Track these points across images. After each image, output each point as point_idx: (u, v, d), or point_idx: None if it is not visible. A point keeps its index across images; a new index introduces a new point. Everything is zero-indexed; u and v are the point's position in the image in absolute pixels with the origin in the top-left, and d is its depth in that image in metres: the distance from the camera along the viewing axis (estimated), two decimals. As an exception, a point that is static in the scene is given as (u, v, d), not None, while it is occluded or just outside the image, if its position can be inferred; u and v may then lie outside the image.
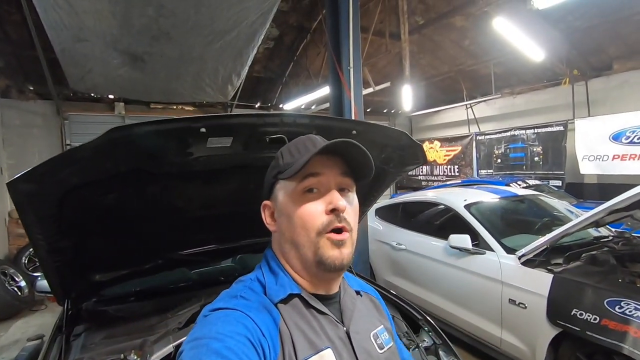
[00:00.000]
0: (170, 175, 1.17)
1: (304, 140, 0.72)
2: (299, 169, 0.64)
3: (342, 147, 0.65)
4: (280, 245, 0.70)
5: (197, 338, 0.55)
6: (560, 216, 3.29)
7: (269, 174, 0.73)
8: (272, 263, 0.71)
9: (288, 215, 0.67)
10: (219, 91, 5.08)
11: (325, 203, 0.65)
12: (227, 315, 0.58)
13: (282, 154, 0.71)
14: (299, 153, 0.68)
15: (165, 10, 3.25)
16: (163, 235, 1.59)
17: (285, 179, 0.67)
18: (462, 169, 9.10)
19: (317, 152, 0.64)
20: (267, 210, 0.73)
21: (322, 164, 0.66)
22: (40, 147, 6.40)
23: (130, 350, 1.41)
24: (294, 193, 0.66)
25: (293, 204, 0.66)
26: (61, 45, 3.75)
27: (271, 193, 0.72)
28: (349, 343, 0.66)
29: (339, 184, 0.67)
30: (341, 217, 0.64)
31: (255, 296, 0.65)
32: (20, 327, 3.90)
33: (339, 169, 0.67)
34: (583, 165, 6.41)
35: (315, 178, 0.66)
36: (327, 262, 0.63)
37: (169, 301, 1.82)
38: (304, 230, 0.64)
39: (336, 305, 0.72)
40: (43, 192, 0.98)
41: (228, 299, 0.64)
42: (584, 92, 6.75)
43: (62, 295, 1.53)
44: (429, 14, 6.56)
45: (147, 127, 0.87)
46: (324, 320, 0.66)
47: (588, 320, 1.96)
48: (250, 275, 0.71)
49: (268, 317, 0.61)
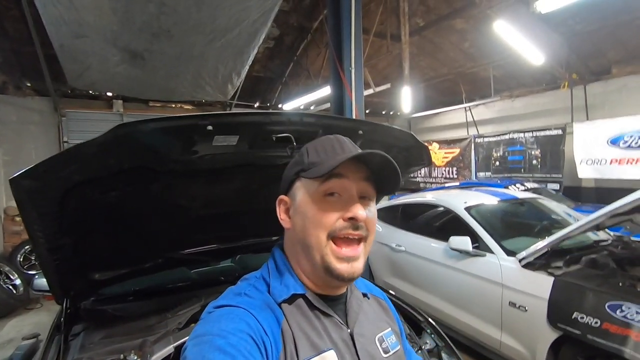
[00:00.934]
0: (174, 173, 1.16)
1: (332, 140, 0.70)
2: (326, 171, 0.62)
3: (375, 160, 0.64)
4: (292, 243, 0.69)
5: (201, 335, 0.55)
6: (559, 219, 3.30)
7: (290, 169, 0.71)
8: (279, 262, 0.70)
9: (304, 214, 0.65)
10: (219, 90, 5.06)
11: (344, 210, 0.63)
12: (230, 313, 0.58)
13: (307, 151, 0.69)
14: (325, 154, 0.67)
15: (166, 7, 3.23)
16: (164, 234, 1.57)
17: (309, 178, 0.65)
18: (460, 171, 9.12)
19: (349, 158, 0.62)
20: (283, 205, 0.71)
21: (347, 167, 0.64)
22: (37, 144, 6.34)
23: (130, 351, 1.39)
24: (315, 194, 0.65)
25: (311, 205, 0.65)
26: (60, 41, 3.71)
27: (289, 189, 0.70)
28: (352, 346, 0.65)
29: (361, 191, 0.66)
30: (359, 226, 0.63)
31: (259, 294, 0.64)
32: (15, 325, 3.86)
33: (362, 174, 0.66)
34: (581, 169, 6.44)
35: (339, 180, 0.64)
36: (335, 272, 0.62)
37: (168, 301, 1.80)
38: (316, 231, 0.63)
39: (342, 307, 0.70)
40: (45, 189, 0.96)
41: (232, 297, 0.63)
42: (583, 96, 6.79)
43: (61, 293, 1.51)
44: (429, 15, 6.57)
45: (153, 124, 0.85)
46: (328, 322, 0.66)
47: (589, 324, 1.96)
48: (256, 273, 0.71)
49: (271, 315, 0.61)
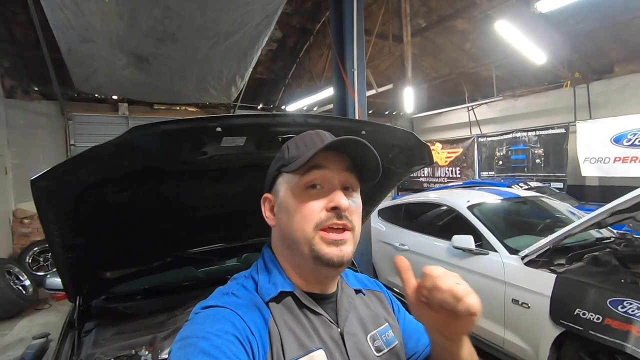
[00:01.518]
0: (183, 174, 1.20)
1: (312, 134, 0.69)
2: (304, 161, 0.61)
3: (351, 145, 0.63)
4: (279, 240, 0.69)
5: (186, 337, 0.54)
6: (562, 218, 3.31)
7: (272, 166, 0.71)
8: (267, 260, 0.70)
9: (287, 209, 0.65)
10: (223, 92, 5.13)
11: (327, 200, 0.63)
12: (216, 314, 0.58)
13: (287, 147, 0.68)
14: (305, 147, 0.66)
15: (171, 12, 3.29)
16: (172, 234, 1.61)
17: (289, 172, 0.65)
18: (463, 171, 9.12)
19: (325, 146, 0.61)
20: (267, 203, 0.70)
21: (327, 158, 0.64)
22: (44, 147, 6.43)
23: (141, 346, 1.43)
24: (297, 187, 0.64)
25: (294, 199, 0.64)
26: (67, 46, 3.79)
27: (273, 186, 0.70)
28: (342, 345, 0.64)
29: (343, 182, 0.65)
30: (342, 216, 0.62)
31: (246, 294, 0.64)
32: (25, 325, 3.93)
33: (344, 165, 0.65)
34: (584, 168, 6.44)
35: (320, 171, 0.63)
36: (325, 258, 0.61)
37: (176, 299, 1.84)
38: (301, 225, 0.62)
39: (332, 305, 0.69)
40: (62, 190, 1.00)
41: (219, 296, 0.63)
42: (586, 95, 6.79)
43: (74, 292, 1.55)
44: (431, 16, 6.60)
45: (166, 126, 0.89)
46: (317, 321, 0.65)
47: (591, 320, 1.98)
48: (245, 272, 0.71)
49: (258, 315, 0.60)
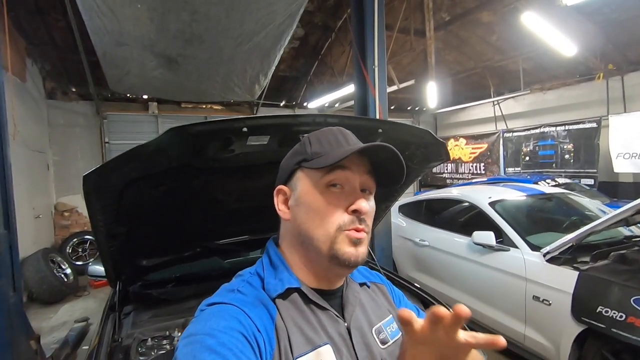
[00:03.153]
0: (214, 170, 1.30)
1: (335, 132, 0.69)
2: (333, 162, 0.61)
3: (378, 151, 0.63)
4: (291, 235, 0.68)
5: (192, 334, 0.54)
6: (590, 215, 3.23)
7: (290, 159, 0.70)
8: (273, 256, 0.69)
9: (307, 206, 0.64)
10: (247, 91, 5.26)
11: (348, 202, 0.63)
12: (221, 311, 0.57)
13: (310, 142, 0.68)
14: (329, 145, 0.66)
15: (198, 15, 3.43)
16: (202, 225, 1.73)
17: (313, 168, 0.64)
18: (488, 167, 8.93)
19: (357, 150, 0.61)
20: (282, 195, 0.69)
21: (351, 160, 0.63)
22: (81, 144, 6.86)
23: (175, 328, 1.56)
24: (318, 184, 0.64)
25: (315, 196, 0.63)
26: (103, 49, 4.02)
27: (289, 179, 0.69)
28: (349, 339, 0.64)
29: (363, 184, 0.65)
30: (362, 219, 0.63)
31: (252, 290, 0.63)
32: (67, 310, 4.26)
33: (365, 168, 0.66)
34: (617, 164, 6.18)
35: (343, 172, 0.63)
36: (343, 257, 0.61)
37: (204, 287, 1.96)
38: (323, 224, 0.62)
39: (338, 300, 0.69)
40: (109, 184, 1.13)
41: (225, 293, 0.63)
42: (620, 87, 6.49)
43: (115, 277, 1.71)
44: (455, 9, 6.48)
45: (200, 127, 0.99)
46: (324, 316, 0.64)
47: (613, 318, 1.96)
48: (250, 269, 0.70)
49: (264, 312, 0.60)
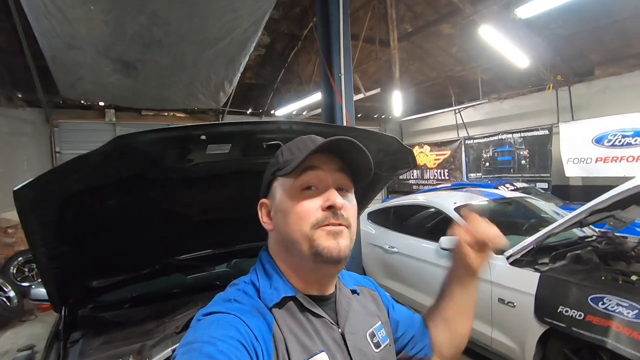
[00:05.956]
0: (170, 181, 1.21)
1: (305, 139, 0.70)
2: (298, 163, 0.63)
3: (343, 145, 0.64)
4: (277, 244, 0.69)
5: (190, 342, 0.54)
6: (547, 217, 3.38)
7: (267, 171, 0.72)
8: (266, 265, 0.70)
9: (284, 212, 0.66)
10: (211, 98, 5.10)
11: (322, 200, 0.64)
12: (219, 319, 0.58)
13: (282, 152, 0.70)
14: (299, 151, 0.67)
15: (158, 18, 3.28)
16: (161, 241, 1.61)
17: (284, 175, 0.66)
18: (451, 173, 9.25)
19: (318, 147, 0.63)
20: (264, 208, 0.71)
21: (320, 160, 0.66)
22: (29, 155, 6.34)
23: (129, 355, 1.42)
24: (292, 190, 0.66)
25: (290, 201, 0.65)
26: (52, 53, 3.74)
27: (269, 191, 0.71)
28: (344, 345, 0.66)
29: (336, 182, 0.67)
30: (338, 215, 0.64)
31: (249, 300, 0.64)
32: (10, 337, 3.84)
33: (336, 166, 0.67)
34: (568, 168, 6.61)
35: (314, 172, 0.65)
36: (324, 252, 0.62)
37: (165, 306, 1.83)
38: (299, 225, 0.63)
39: (332, 306, 0.70)
40: (46, 199, 1.00)
41: (222, 303, 0.63)
42: (568, 97, 6.98)
43: (60, 301, 1.54)
44: (417, 21, 6.72)
45: (151, 135, 0.90)
46: (319, 323, 0.65)
47: (573, 317, 2.03)
48: (244, 278, 0.70)
49: (262, 321, 0.60)
